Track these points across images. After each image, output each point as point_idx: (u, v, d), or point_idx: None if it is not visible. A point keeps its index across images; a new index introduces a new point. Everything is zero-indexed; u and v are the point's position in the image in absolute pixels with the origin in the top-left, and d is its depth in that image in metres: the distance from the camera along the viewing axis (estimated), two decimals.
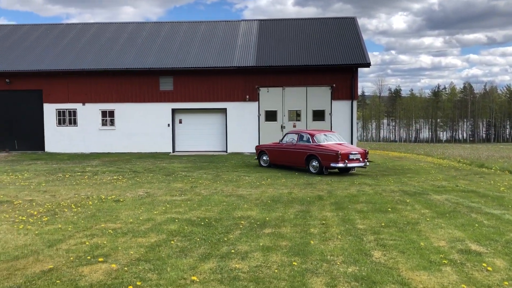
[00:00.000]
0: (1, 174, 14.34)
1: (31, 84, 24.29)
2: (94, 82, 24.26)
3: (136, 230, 6.94)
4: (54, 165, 17.65)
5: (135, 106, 24.20)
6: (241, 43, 25.35)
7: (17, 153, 23.51)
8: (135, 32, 27.61)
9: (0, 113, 24.56)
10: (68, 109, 24.43)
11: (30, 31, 28.37)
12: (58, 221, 7.56)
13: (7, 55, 25.30)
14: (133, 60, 24.40)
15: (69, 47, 25.96)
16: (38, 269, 5.09)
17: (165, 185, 11.89)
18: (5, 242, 6.23)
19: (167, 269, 5.09)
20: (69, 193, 10.55)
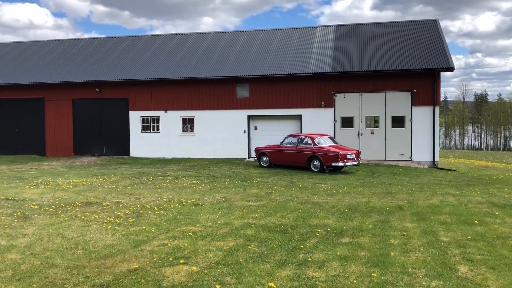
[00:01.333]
0: (91, 177, 15.40)
1: (119, 92, 25.90)
2: (176, 91, 25.35)
3: (215, 233, 7.12)
4: (139, 169, 18.64)
5: (213, 113, 24.92)
6: (317, 49, 25.23)
7: (105, 158, 25.12)
8: (213, 41, 28.49)
9: (91, 120, 26.42)
10: (152, 116, 25.72)
11: (117, 43, 30.30)
12: (143, 222, 7.96)
13: (97, 66, 27.20)
14: (211, 69, 25.18)
15: (153, 58, 27.36)
16: (124, 268, 5.39)
17: (241, 191, 12.09)
18: (95, 241, 6.66)
19: (245, 274, 5.16)
20: (152, 196, 11.07)
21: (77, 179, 14.60)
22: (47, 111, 26.69)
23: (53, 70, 27.42)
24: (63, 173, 16.63)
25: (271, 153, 18.95)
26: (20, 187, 12.45)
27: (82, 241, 6.63)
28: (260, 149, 19.68)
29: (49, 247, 6.25)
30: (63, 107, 26.49)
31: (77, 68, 27.27)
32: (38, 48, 31.06)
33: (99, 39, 31.96)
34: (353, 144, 21.81)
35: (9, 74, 27.65)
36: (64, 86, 26.18)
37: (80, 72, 26.65)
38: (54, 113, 26.61)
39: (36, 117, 26.85)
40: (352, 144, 22.03)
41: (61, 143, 26.42)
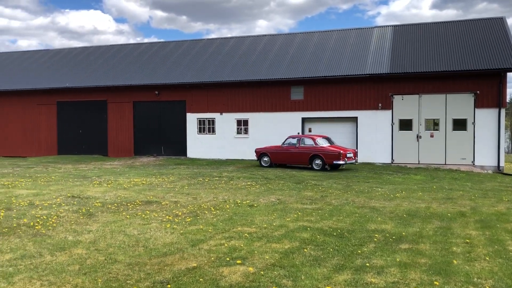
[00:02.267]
0: (150, 176, 15.92)
1: (177, 95, 26.62)
2: (231, 93, 25.70)
3: (270, 235, 7.14)
4: (195, 169, 19.05)
5: (267, 115, 25.03)
6: (374, 50, 24.70)
7: (163, 158, 25.89)
8: (268, 44, 28.62)
9: (150, 122, 27.33)
10: (208, 118, 26.23)
11: (175, 47, 31.16)
12: (200, 222, 8.13)
13: (157, 70, 28.11)
14: (266, 71, 25.31)
15: (209, 61, 27.90)
16: (183, 266, 5.52)
17: (295, 193, 12.05)
18: (155, 239, 6.88)
19: (302, 277, 5.14)
20: (208, 196, 11.28)
21: (137, 178, 15.15)
22: (110, 113, 27.89)
23: (116, 73, 28.63)
24: (124, 173, 17.31)
25: (273, 153, 20.30)
26: (84, 186, 13.08)
27: (142, 238, 6.87)
28: (260, 150, 20.84)
29: (112, 244, 6.52)
30: (124, 109, 27.59)
31: (138, 71, 28.32)
32: (102, 53, 32.54)
33: (158, 43, 33.02)
34: (412, 148, 21.20)
35: (75, 77, 29.17)
36: (126, 89, 27.26)
37: (140, 76, 27.66)
38: (116, 115, 27.78)
39: (99, 118, 28.14)
40: (410, 147, 21.40)
41: (122, 143, 27.52)
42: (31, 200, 10.14)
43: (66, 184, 13.34)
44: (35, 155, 28.78)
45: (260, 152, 20.71)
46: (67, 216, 8.50)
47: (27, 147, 29.53)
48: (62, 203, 9.85)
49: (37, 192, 11.49)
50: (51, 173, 16.91)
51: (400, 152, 22.37)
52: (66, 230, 7.31)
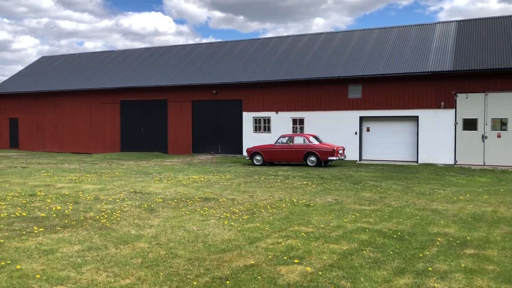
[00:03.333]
0: (208, 174, 16.24)
1: (233, 94, 26.97)
2: (287, 92, 25.67)
3: (328, 236, 7.06)
4: (251, 168, 19.21)
5: (324, 114, 24.77)
6: (436, 47, 23.76)
7: (220, 156, 26.32)
8: (325, 42, 28.31)
9: (208, 120, 27.88)
10: (263, 117, 26.36)
11: (233, 47, 31.56)
12: (256, 220, 8.19)
13: (215, 69, 28.61)
14: (322, 69, 25.05)
15: (266, 60, 28.01)
16: (241, 263, 5.58)
17: (353, 194, 11.84)
18: (214, 235, 7.00)
19: (361, 279, 5.04)
20: (264, 194, 11.34)
21: (195, 175, 15.50)
22: (170, 111, 28.73)
23: (176, 73, 29.44)
24: (183, 170, 17.78)
25: (266, 152, 21.02)
26: (146, 182, 13.56)
27: (201, 234, 7.02)
28: (252, 149, 21.47)
29: (172, 239, 6.72)
30: (183, 108, 28.32)
31: (197, 71, 28.96)
32: (162, 54, 33.57)
33: (216, 43, 33.59)
34: (477, 148, 20.22)
35: (138, 77, 30.30)
36: (185, 89, 27.97)
37: (199, 75, 28.27)
38: (176, 113, 28.57)
39: (159, 117, 29.07)
40: (473, 147, 20.42)
41: (181, 141, 28.26)
42: (96, 195, 10.65)
43: (128, 180, 13.89)
44: (100, 151, 30.21)
45: (252, 152, 21.32)
46: (130, 210, 8.85)
47: (92, 144, 31.06)
48: (125, 198, 10.27)
49: (102, 187, 12.05)
50: (115, 169, 17.68)
51: (463, 152, 21.40)
52: (129, 224, 7.61)
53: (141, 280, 4.87)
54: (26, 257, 5.58)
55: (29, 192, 10.82)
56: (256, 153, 21.21)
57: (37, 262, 5.39)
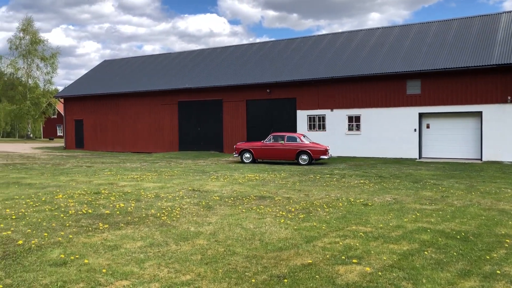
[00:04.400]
0: (263, 172, 16.32)
1: (287, 93, 26.94)
2: (342, 89, 25.30)
3: (387, 235, 6.89)
4: (306, 166, 19.11)
5: (380, 111, 24.18)
6: (502, 38, 22.51)
7: None
8: (381, 37, 27.62)
9: (262, 119, 28.02)
10: (318, 115, 26.14)
11: (286, 45, 31.51)
12: (313, 219, 8.14)
13: (268, 68, 28.69)
14: (379, 65, 24.45)
15: (320, 57, 27.75)
16: (298, 262, 5.57)
17: (413, 193, 11.47)
18: (270, 233, 7.03)
19: (423, 280, 4.88)
20: (320, 193, 11.25)
21: (251, 174, 15.64)
22: (225, 111, 29.17)
23: (230, 74, 29.83)
24: (238, 168, 17.99)
25: (256, 150, 21.30)
26: (203, 180, 13.85)
27: (258, 232, 7.07)
28: (241, 146, 21.65)
29: (230, 236, 6.81)
30: (238, 108, 28.65)
31: (251, 71, 29.19)
32: (217, 55, 34.13)
33: (269, 42, 33.69)
34: None
35: (194, 78, 31.00)
36: (239, 88, 28.28)
37: (253, 75, 28.48)
38: (231, 113, 28.97)
39: (215, 117, 29.58)
40: None
41: (236, 140, 28.61)
42: (157, 193, 11.00)
43: (187, 178, 14.25)
44: (159, 151, 31.21)
45: (242, 149, 21.54)
46: (189, 208, 9.07)
47: (152, 143, 32.14)
48: (184, 196, 10.54)
49: (162, 186, 12.44)
50: (174, 168, 18.19)
51: None
52: (188, 222, 7.80)
53: (200, 277, 4.98)
54: (93, 252, 5.87)
55: (94, 190, 11.36)
56: (246, 151, 21.46)
57: (103, 257, 5.65)
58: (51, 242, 6.29)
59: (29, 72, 55.93)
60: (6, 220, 7.65)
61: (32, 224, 7.38)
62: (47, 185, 12.24)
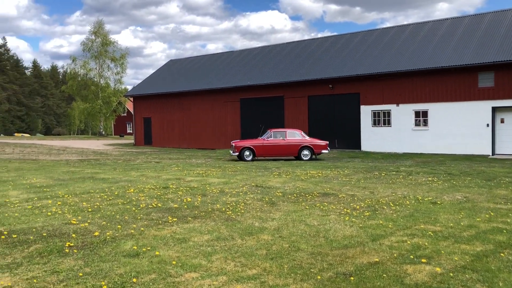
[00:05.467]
0: (326, 169, 16.18)
1: (350, 88, 26.46)
2: (408, 83, 24.47)
3: (458, 235, 6.61)
4: (370, 163, 18.70)
5: (450, 106, 23.13)
6: None
7: (337, 151, 26.05)
8: (450, 28, 26.38)
9: (324, 115, 27.74)
10: (383, 110, 25.46)
11: (349, 40, 30.93)
12: (379, 217, 7.96)
13: (330, 64, 28.34)
14: (448, 57, 23.38)
15: (384, 51, 26.98)
16: (365, 260, 5.49)
17: (486, 191, 10.89)
18: (335, 230, 6.98)
19: (499, 283, 4.64)
20: (386, 191, 10.97)
21: (313, 170, 15.56)
22: (286, 107, 29.20)
23: (291, 70, 29.79)
24: (300, 165, 17.95)
25: (258, 147, 20.76)
26: (265, 176, 13.97)
27: (322, 229, 7.03)
28: (241, 144, 20.90)
29: (294, 232, 6.84)
30: (299, 104, 28.56)
31: (312, 66, 28.97)
32: (279, 51, 34.18)
33: (331, 37, 33.24)
34: None
35: (256, 75, 31.27)
36: (301, 84, 28.18)
37: (314, 71, 28.25)
38: (292, 109, 28.94)
39: (277, 113, 29.69)
40: None
41: None
42: (221, 188, 11.25)
43: (249, 174, 14.44)
44: (222, 147, 31.84)
45: (242, 147, 20.80)
46: (252, 203, 9.20)
47: (215, 140, 32.85)
48: (248, 192, 10.70)
49: (226, 181, 12.70)
50: (237, 164, 18.49)
51: None
52: (252, 217, 7.92)
53: (266, 271, 5.05)
54: (163, 245, 6.12)
55: (163, 185, 11.82)
56: (246, 148, 20.81)
57: (173, 250, 5.88)
58: (124, 234, 6.64)
59: (101, 72, 59.04)
60: (83, 212, 8.16)
61: (107, 216, 7.82)
62: (119, 180, 12.89)
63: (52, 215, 7.86)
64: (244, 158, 20.87)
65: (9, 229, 6.78)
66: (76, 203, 9.00)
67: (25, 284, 4.57)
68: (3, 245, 5.91)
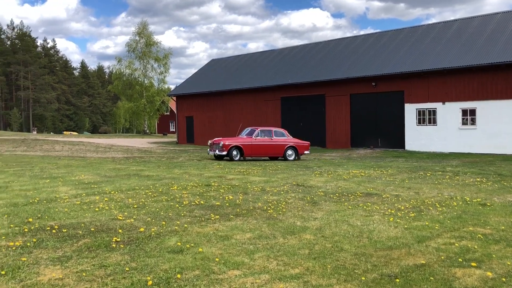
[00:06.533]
0: (368, 169, 15.89)
1: (394, 86, 25.88)
2: (455, 81, 23.67)
3: (511, 239, 6.32)
4: (414, 163, 18.22)
5: (500, 104, 22.20)
6: None
7: (380, 150, 25.55)
8: (501, 22, 25.29)
9: (367, 114, 27.26)
10: (428, 109, 24.75)
11: (392, 37, 30.25)
12: (424, 218, 7.74)
13: (373, 61, 27.81)
14: (498, 53, 22.43)
15: (430, 47, 26.22)
16: (410, 262, 5.34)
17: None
18: (379, 231, 6.83)
19: None
20: (431, 191, 10.65)
21: (355, 170, 15.32)
22: (328, 106, 28.91)
23: (333, 68, 29.47)
24: (342, 164, 17.72)
25: (246, 147, 19.49)
26: (307, 175, 13.88)
27: (366, 230, 6.91)
28: (229, 143, 19.50)
29: (337, 232, 6.75)
30: (341, 102, 28.21)
31: (354, 64, 28.54)
32: (320, 49, 33.90)
33: (374, 34, 32.63)
34: None
35: (296, 74, 31.14)
36: (342, 83, 27.82)
37: (357, 68, 27.82)
38: (334, 107, 28.63)
39: (318, 112, 29.46)
40: None
41: (339, 135, 28.23)
42: (262, 187, 11.27)
43: (290, 173, 14.39)
44: None
45: (231, 146, 19.38)
46: (294, 202, 9.16)
47: None
48: (289, 191, 10.67)
49: (267, 180, 12.71)
50: (277, 163, 18.47)
51: None
52: (294, 216, 7.88)
53: (309, 271, 5.01)
54: (206, 241, 6.19)
55: (205, 182, 11.97)
56: (234, 148, 19.47)
57: (215, 247, 5.94)
58: (168, 230, 6.76)
59: (145, 72, 60.54)
60: (129, 208, 8.38)
61: (151, 213, 7.99)
62: (163, 177, 13.16)
63: (100, 210, 8.12)
64: (233, 158, 19.52)
65: (59, 224, 7.05)
66: (122, 199, 9.26)
67: (75, 277, 4.73)
68: (54, 239, 6.16)
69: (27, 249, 5.63)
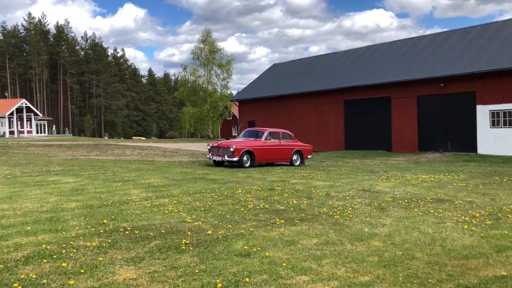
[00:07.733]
0: (438, 173, 15.21)
1: (464, 86, 24.66)
2: None
3: None
4: (488, 167, 17.22)
5: None
6: None
7: (450, 154, 24.40)
8: None
9: (435, 116, 26.16)
10: (503, 110, 23.34)
11: (462, 35, 28.86)
12: (503, 226, 7.28)
13: (441, 61, 26.66)
14: None
15: (505, 44, 24.74)
16: (490, 273, 5.04)
17: None
18: (452, 239, 6.51)
19: None
20: (510, 198, 10.01)
21: (424, 175, 14.73)
22: (393, 108, 28.07)
23: (399, 69, 28.58)
24: (409, 169, 17.11)
25: (258, 151, 17.36)
26: (373, 180, 13.53)
27: (438, 237, 6.61)
28: (242, 147, 17.08)
29: (407, 239, 6.51)
30: (407, 105, 27.28)
31: (421, 65, 27.52)
32: (384, 50, 33.02)
33: (442, 33, 31.32)
34: None
35: (360, 76, 30.53)
36: (409, 84, 26.92)
37: (424, 69, 26.81)
38: (399, 110, 27.74)
39: (382, 114, 28.66)
40: None
41: (406, 139, 27.30)
42: (327, 191, 11.12)
43: (356, 178, 14.09)
44: (326, 150, 31.54)
45: (243, 150, 17.04)
46: (360, 208, 8.95)
47: (319, 142, 32.65)
48: (355, 196, 10.44)
49: (331, 184, 12.53)
50: (341, 167, 18.18)
51: None
52: (361, 222, 7.70)
53: (380, 279, 4.87)
54: (272, 246, 6.19)
55: (269, 186, 12.01)
56: (247, 152, 17.26)
57: (282, 251, 5.92)
58: (235, 233, 6.84)
59: (209, 79, 62.00)
60: (197, 211, 8.58)
61: (218, 216, 8.13)
62: (227, 181, 13.37)
63: (169, 213, 8.38)
64: (243, 165, 17.33)
65: (132, 225, 7.35)
66: (189, 202, 9.51)
67: (148, 278, 4.91)
68: (128, 240, 6.43)
69: (103, 249, 5.91)
